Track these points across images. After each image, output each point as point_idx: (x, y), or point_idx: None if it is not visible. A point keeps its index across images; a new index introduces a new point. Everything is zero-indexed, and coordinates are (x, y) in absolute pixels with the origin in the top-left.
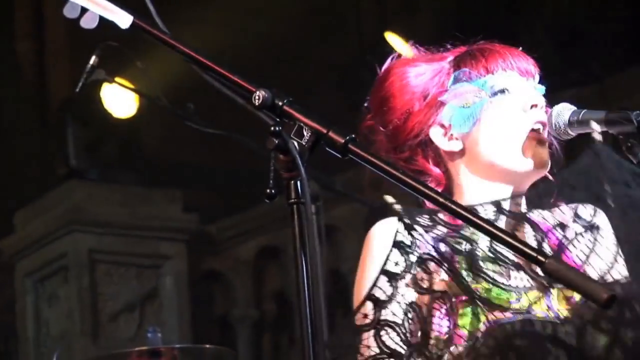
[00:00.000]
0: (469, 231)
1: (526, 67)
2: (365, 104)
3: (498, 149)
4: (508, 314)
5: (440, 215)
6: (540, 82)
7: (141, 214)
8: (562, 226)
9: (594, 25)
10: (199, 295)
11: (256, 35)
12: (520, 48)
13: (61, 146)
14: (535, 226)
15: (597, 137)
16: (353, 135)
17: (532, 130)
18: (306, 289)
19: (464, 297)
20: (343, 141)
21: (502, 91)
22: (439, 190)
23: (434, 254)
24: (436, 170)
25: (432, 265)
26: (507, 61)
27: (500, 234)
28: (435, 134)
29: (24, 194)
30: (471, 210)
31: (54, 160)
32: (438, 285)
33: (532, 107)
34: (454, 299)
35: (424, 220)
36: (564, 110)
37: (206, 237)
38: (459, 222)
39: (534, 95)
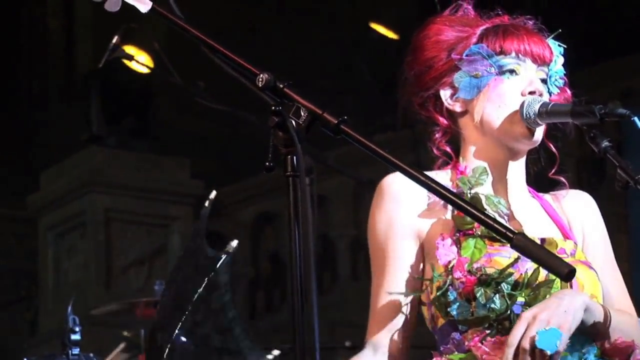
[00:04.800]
0: (474, 178)
1: (541, 54)
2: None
3: (492, 119)
4: (507, 247)
5: None
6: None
7: (153, 178)
8: None
9: None
10: None
11: None
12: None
13: (84, 115)
14: None
15: None
16: (345, 117)
17: None
18: (298, 251)
19: (468, 232)
20: (336, 122)
21: (510, 72)
22: (446, 137)
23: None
24: (443, 121)
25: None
26: (522, 45)
27: (475, 212)
28: (444, 94)
29: (49, 156)
30: (448, 189)
31: (77, 127)
32: (445, 221)
33: (530, 93)
34: (457, 233)
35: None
36: (534, 102)
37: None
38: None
39: (536, 83)
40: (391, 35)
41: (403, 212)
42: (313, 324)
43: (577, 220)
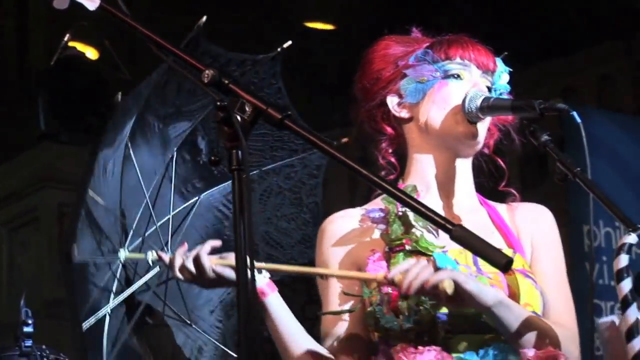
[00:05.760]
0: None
1: (484, 61)
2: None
3: (436, 121)
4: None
5: None
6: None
7: None
8: None
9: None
10: None
11: None
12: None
13: (36, 112)
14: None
15: None
16: (289, 112)
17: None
18: (243, 244)
19: (397, 248)
20: (280, 117)
21: (454, 76)
22: (392, 146)
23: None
24: (390, 129)
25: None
26: (467, 52)
27: (416, 205)
28: (391, 101)
29: (2, 153)
30: (391, 183)
31: (30, 124)
32: (375, 240)
33: None
34: (387, 248)
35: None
36: (477, 96)
37: None
38: None
39: (481, 85)
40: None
41: (338, 250)
42: (254, 314)
43: (527, 232)
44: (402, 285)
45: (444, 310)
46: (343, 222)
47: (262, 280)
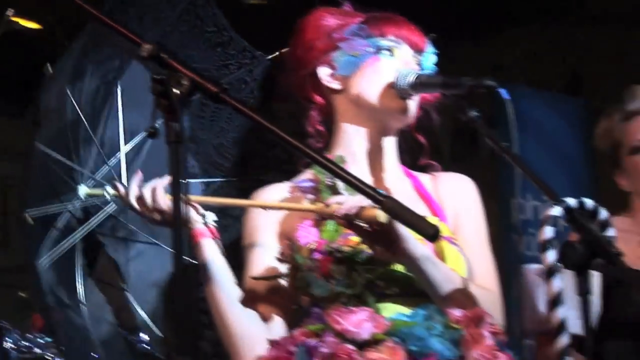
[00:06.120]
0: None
1: (416, 41)
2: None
3: (368, 95)
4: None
5: None
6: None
7: None
8: None
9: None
10: None
11: None
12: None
13: None
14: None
15: None
16: (225, 86)
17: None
18: (179, 215)
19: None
20: (216, 90)
21: (387, 52)
22: (321, 116)
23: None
24: (319, 99)
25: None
26: (400, 31)
27: (348, 177)
28: (323, 71)
29: None
30: (324, 156)
31: None
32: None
33: None
34: (317, 217)
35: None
36: (409, 74)
37: None
38: None
39: (411, 64)
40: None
41: (268, 216)
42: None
43: (450, 200)
44: (342, 209)
45: (375, 275)
46: (273, 192)
47: (203, 224)
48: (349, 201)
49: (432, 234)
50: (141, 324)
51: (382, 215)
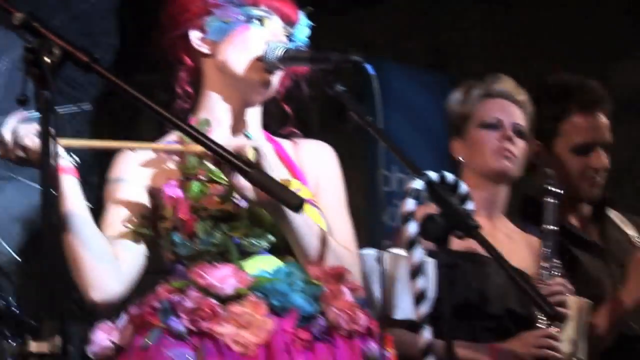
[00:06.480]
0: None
1: (288, 13)
2: None
3: (234, 63)
4: (225, 188)
5: None
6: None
7: None
8: None
9: None
10: None
11: None
12: None
13: None
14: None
15: None
16: (96, 57)
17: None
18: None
19: (192, 177)
20: (86, 59)
21: (257, 22)
22: (190, 77)
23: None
24: (188, 61)
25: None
26: (272, 1)
27: (218, 149)
28: (194, 34)
29: None
30: (187, 123)
31: None
32: (171, 170)
33: None
34: (182, 177)
35: None
36: (277, 47)
37: None
38: None
39: (280, 36)
40: None
41: (134, 172)
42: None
43: (311, 166)
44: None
45: (239, 234)
46: (138, 153)
47: (65, 162)
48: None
49: (296, 204)
50: (7, 261)
51: (252, 154)
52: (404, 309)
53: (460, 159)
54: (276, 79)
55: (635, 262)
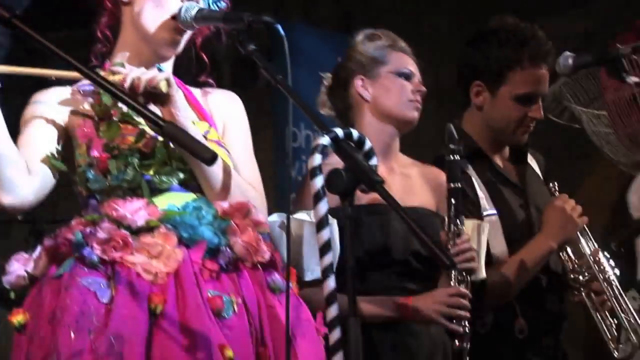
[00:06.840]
0: (110, 73)
1: None
2: None
3: (146, 19)
4: (136, 129)
5: None
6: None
7: None
8: None
9: None
10: None
11: None
12: None
13: None
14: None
15: None
16: (17, 13)
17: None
18: None
19: (106, 118)
20: (8, 16)
21: None
22: (110, 22)
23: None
24: (109, 5)
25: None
26: None
27: (133, 103)
28: None
29: None
30: (107, 80)
31: None
32: (86, 110)
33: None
34: (96, 118)
35: None
36: (192, 7)
37: None
38: None
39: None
40: None
41: (48, 109)
42: None
43: (219, 111)
44: (127, 80)
45: (150, 172)
46: (55, 93)
47: None
48: (134, 71)
49: (209, 158)
50: None
51: (164, 86)
52: (313, 270)
53: (365, 97)
54: (185, 38)
55: (551, 207)
